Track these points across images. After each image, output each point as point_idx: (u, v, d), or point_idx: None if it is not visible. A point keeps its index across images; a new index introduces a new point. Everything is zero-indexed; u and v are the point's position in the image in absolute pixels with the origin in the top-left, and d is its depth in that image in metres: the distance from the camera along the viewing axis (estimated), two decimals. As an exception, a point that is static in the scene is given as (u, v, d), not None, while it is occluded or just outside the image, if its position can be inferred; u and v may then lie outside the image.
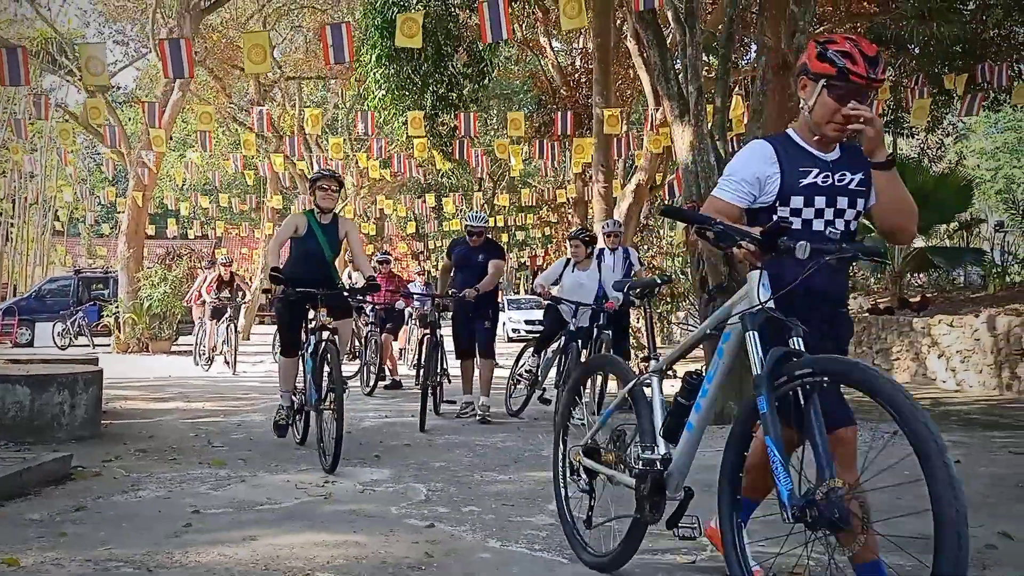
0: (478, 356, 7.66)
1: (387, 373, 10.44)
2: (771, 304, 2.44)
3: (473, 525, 3.70)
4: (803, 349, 2.37)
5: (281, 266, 5.60)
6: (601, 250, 8.14)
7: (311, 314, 5.69)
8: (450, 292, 7.54)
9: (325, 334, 5.40)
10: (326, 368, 5.28)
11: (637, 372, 3.19)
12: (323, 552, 3.24)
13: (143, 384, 10.11)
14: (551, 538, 3.48)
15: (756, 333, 2.43)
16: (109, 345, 17.94)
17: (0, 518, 3.71)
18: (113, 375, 9.53)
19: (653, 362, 3.02)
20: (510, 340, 23.58)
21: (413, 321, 12.75)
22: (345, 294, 5.93)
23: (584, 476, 3.19)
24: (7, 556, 3.06)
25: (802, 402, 2.29)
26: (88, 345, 18.05)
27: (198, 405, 8.32)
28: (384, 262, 11.08)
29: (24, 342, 20.14)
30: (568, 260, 7.79)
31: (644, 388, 3.00)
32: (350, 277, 13.23)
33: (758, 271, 2.47)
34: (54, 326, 19.40)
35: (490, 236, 8.02)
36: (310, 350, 5.53)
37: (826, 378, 2.24)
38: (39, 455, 4.72)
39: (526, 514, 3.94)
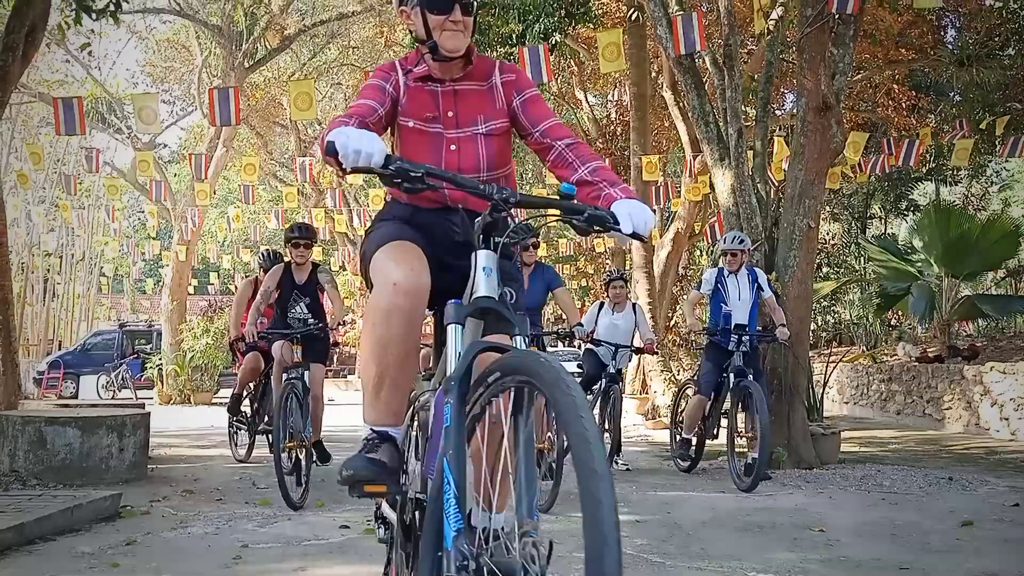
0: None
1: None
2: None
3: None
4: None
5: None
6: (720, 271, 7.44)
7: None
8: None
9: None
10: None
11: None
12: (374, 584, 3.19)
13: (186, 432, 10.17)
14: None
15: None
16: (152, 397, 18.12)
17: (52, 550, 3.72)
18: (157, 426, 9.56)
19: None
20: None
21: None
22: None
23: None
24: (61, 585, 3.07)
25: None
26: (131, 398, 18.23)
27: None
28: None
29: (69, 395, 20.42)
30: (602, 304, 7.79)
31: None
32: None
33: None
34: (98, 379, 19.67)
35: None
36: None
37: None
38: (89, 493, 4.75)
39: (575, 550, 3.86)
